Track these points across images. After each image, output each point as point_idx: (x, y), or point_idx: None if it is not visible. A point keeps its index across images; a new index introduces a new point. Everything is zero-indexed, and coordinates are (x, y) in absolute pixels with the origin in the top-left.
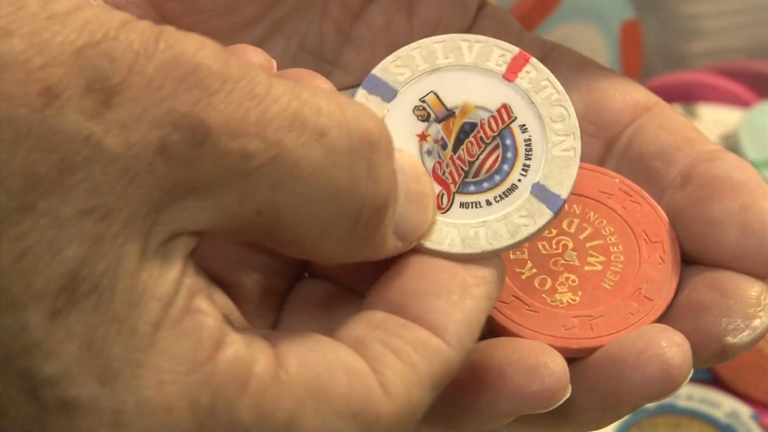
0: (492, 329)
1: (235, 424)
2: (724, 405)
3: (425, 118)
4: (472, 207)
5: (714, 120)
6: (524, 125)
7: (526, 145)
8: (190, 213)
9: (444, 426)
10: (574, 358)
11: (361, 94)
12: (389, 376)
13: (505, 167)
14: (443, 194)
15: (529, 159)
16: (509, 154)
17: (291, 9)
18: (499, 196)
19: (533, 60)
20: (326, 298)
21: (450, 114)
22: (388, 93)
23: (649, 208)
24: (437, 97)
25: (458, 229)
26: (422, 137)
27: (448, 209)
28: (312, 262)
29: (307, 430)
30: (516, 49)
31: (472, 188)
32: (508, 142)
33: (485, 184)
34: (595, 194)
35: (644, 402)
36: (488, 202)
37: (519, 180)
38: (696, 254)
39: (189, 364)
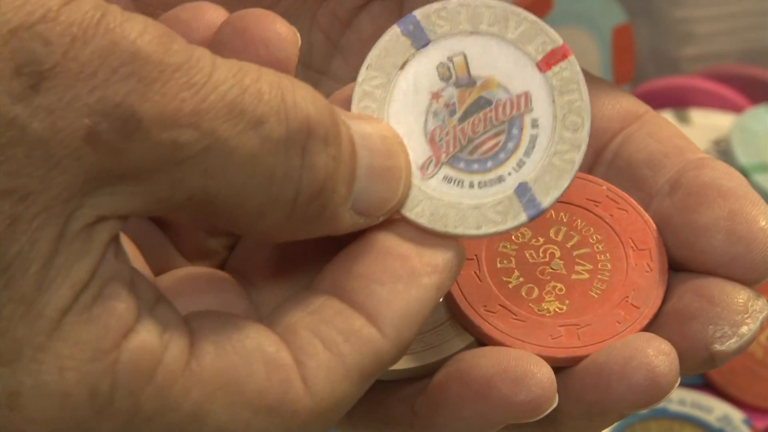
0: (479, 338)
1: (136, 413)
2: (716, 409)
3: (446, 78)
4: (453, 183)
5: (706, 125)
6: (536, 120)
7: (530, 141)
8: (118, 198)
9: None
10: (561, 367)
11: (393, 32)
12: (312, 369)
13: (502, 155)
14: (432, 160)
15: (528, 156)
16: (510, 144)
17: None
18: (484, 182)
19: (572, 58)
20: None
21: (471, 83)
22: (420, 40)
23: (636, 216)
24: (465, 61)
25: (432, 201)
26: (435, 96)
27: (431, 177)
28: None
29: (215, 422)
30: (560, 41)
31: (461, 165)
32: (514, 131)
33: (475, 166)
34: (582, 202)
35: (631, 411)
36: (471, 185)
37: (509, 174)
38: (684, 261)
39: (92, 351)
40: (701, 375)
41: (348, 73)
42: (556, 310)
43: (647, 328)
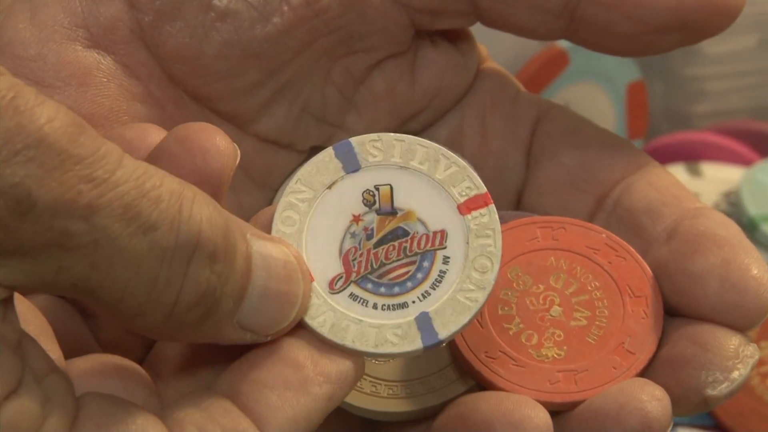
0: (480, 383)
1: None
2: None
3: (369, 204)
4: (359, 302)
5: (717, 178)
6: (448, 258)
7: (438, 275)
8: (5, 270)
9: None
10: (559, 412)
11: (327, 153)
12: None
13: (409, 284)
14: (342, 277)
15: (434, 289)
16: (419, 275)
17: (294, 74)
18: (388, 306)
19: (492, 207)
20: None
21: (392, 212)
22: (351, 165)
23: (634, 263)
24: (391, 192)
25: (335, 314)
26: (356, 219)
27: (338, 293)
28: None
29: None
30: (483, 190)
31: (369, 285)
32: (425, 264)
33: (382, 289)
34: (582, 249)
35: None
36: (375, 306)
37: (413, 302)
38: (679, 307)
39: None
40: (711, 416)
41: (362, 127)
42: (555, 356)
43: (642, 374)
